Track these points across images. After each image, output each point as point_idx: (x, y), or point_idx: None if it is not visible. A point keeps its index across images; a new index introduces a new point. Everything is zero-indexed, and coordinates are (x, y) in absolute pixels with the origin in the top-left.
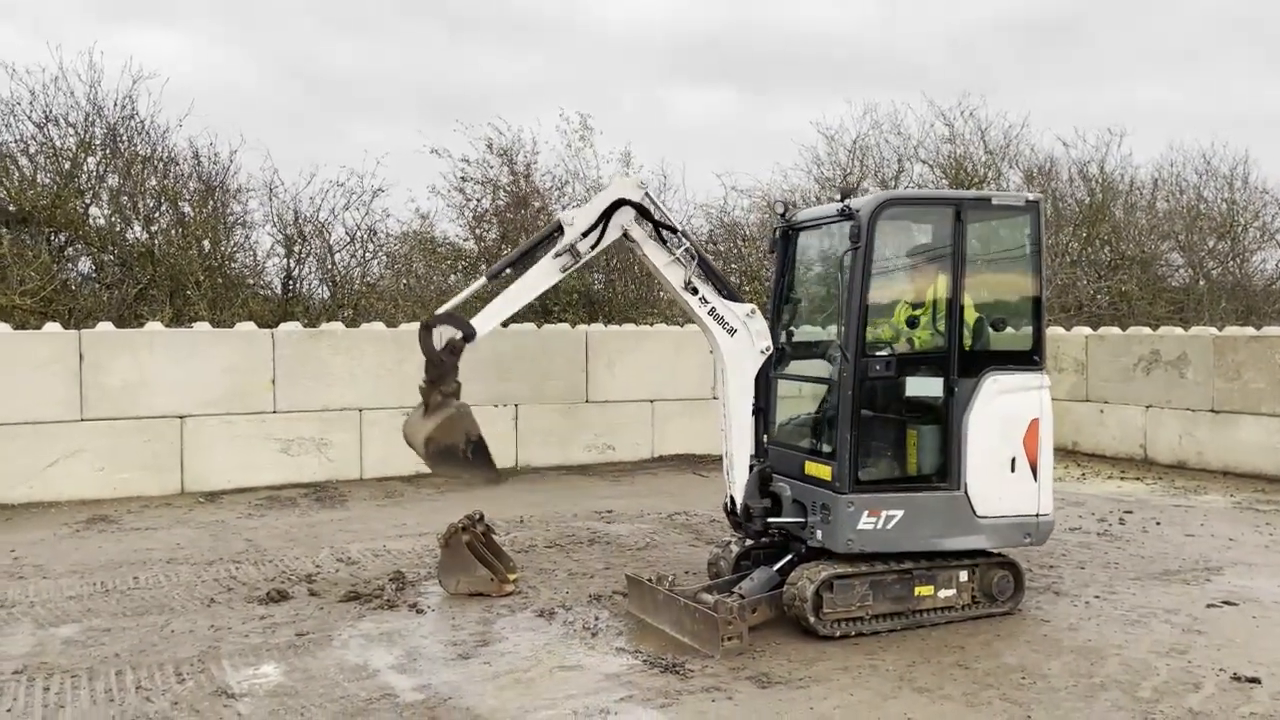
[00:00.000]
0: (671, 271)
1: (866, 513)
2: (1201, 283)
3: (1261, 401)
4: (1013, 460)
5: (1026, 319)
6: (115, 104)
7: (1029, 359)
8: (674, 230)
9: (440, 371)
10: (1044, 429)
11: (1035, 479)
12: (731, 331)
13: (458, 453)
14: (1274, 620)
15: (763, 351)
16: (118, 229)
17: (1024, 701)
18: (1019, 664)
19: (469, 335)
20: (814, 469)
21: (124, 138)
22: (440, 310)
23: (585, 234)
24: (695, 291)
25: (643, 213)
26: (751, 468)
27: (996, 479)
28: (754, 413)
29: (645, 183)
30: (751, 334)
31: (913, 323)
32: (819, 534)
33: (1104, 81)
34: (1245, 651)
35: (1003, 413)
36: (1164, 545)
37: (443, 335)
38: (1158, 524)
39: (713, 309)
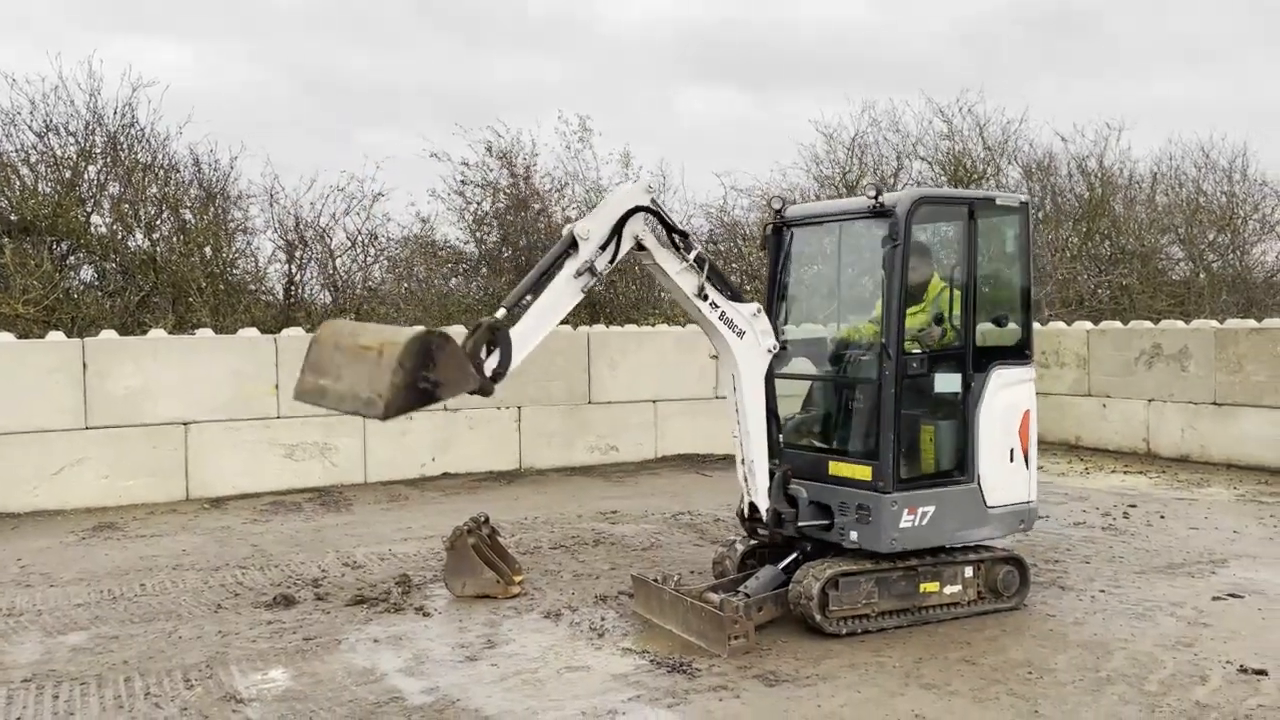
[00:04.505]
0: (684, 279)
1: (906, 511)
2: (1202, 276)
3: (1263, 394)
4: (1011, 451)
5: (1019, 315)
6: (115, 112)
7: (1021, 353)
8: (684, 235)
9: (468, 386)
10: (1032, 420)
11: (1026, 467)
12: (740, 334)
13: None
14: (1279, 612)
15: (769, 350)
16: (119, 237)
17: (1031, 696)
18: (1025, 659)
19: (500, 372)
20: (845, 469)
21: (124, 146)
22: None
23: (602, 248)
24: (706, 297)
25: (654, 216)
26: (771, 472)
27: (1001, 469)
28: (768, 414)
29: (652, 187)
30: (757, 334)
31: (939, 319)
32: (854, 535)
33: (1118, 73)
34: (1251, 644)
35: (1004, 405)
36: (1168, 539)
37: (485, 355)
38: (1162, 518)
39: (723, 313)
